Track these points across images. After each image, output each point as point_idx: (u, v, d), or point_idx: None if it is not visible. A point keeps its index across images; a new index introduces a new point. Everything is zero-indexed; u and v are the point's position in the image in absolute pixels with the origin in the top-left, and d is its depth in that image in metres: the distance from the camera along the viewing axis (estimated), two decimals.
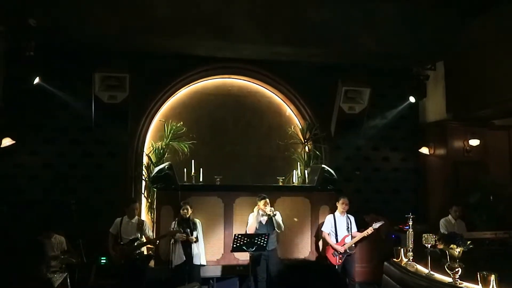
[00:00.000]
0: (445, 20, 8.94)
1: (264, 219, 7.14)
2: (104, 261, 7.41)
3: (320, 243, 7.90)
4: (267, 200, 7.14)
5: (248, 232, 7.16)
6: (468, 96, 8.92)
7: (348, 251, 7.36)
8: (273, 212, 7.04)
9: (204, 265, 7.15)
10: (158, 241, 7.34)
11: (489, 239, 7.54)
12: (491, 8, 8.19)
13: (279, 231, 7.20)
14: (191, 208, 7.08)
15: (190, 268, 6.89)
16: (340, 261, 7.33)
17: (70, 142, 8.68)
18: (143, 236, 7.18)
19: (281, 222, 7.19)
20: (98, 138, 8.74)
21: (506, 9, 7.90)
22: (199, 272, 7.07)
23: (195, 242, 6.96)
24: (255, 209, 7.22)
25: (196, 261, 6.95)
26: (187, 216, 7.00)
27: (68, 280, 6.39)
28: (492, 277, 4.32)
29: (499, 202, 8.53)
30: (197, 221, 7.19)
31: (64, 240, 7.32)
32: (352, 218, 7.61)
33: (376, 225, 7.33)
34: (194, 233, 6.98)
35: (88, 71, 8.15)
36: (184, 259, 6.85)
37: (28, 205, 8.24)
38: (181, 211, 7.00)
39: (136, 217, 7.42)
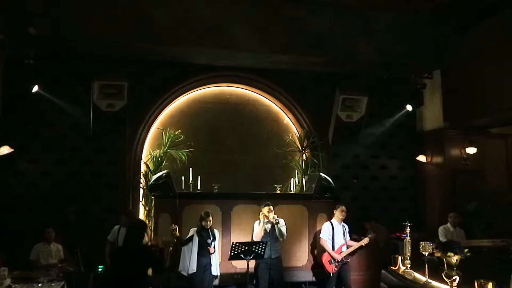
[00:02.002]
0: (443, 29, 9.04)
1: (268, 227, 7.14)
2: (101, 269, 7.38)
3: (316, 251, 7.89)
4: (271, 207, 7.16)
5: (254, 240, 7.17)
6: (465, 105, 8.97)
7: (344, 259, 7.36)
8: (276, 220, 7.05)
9: (216, 276, 7.06)
10: (151, 243, 7.29)
11: (487, 247, 7.54)
12: (488, 18, 8.26)
13: (281, 239, 7.20)
14: (212, 219, 7.01)
15: (206, 277, 6.86)
16: (335, 269, 7.31)
17: (68, 150, 8.69)
18: None
19: (283, 230, 7.19)
20: (96, 146, 8.76)
21: (503, 19, 7.97)
22: (212, 282, 7.05)
23: (213, 253, 6.93)
24: (261, 216, 7.23)
25: (213, 272, 6.92)
26: (208, 227, 6.95)
27: None
28: (490, 285, 4.33)
29: (496, 210, 8.55)
30: (217, 231, 7.13)
31: (62, 249, 7.32)
32: (346, 227, 7.61)
33: (372, 235, 7.35)
34: (213, 244, 6.94)
35: (86, 79, 8.20)
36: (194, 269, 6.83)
37: (27, 213, 8.23)
38: (203, 222, 6.88)
39: None
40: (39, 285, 5.72)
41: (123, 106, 8.21)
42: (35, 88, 7.97)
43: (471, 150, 9.44)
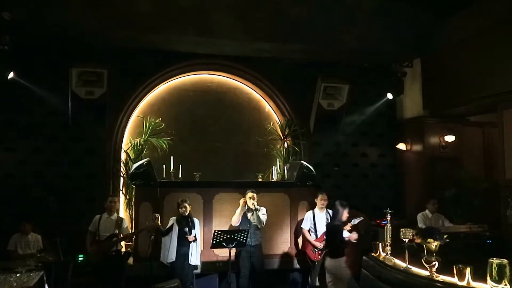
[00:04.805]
0: (423, 17, 9.10)
1: (249, 215, 7.17)
2: (81, 258, 7.31)
3: (300, 240, 7.94)
4: (255, 194, 7.19)
5: (232, 224, 7.18)
6: (444, 93, 9.07)
7: None
8: (254, 206, 7.08)
9: (196, 265, 7.05)
10: (135, 236, 7.25)
11: (464, 232, 7.69)
12: (468, 6, 8.32)
13: (259, 226, 7.23)
14: (189, 206, 7.00)
15: (186, 267, 6.84)
16: (319, 257, 7.38)
17: (46, 139, 8.52)
18: (121, 233, 7.11)
19: (262, 218, 7.22)
20: (75, 135, 8.60)
21: (483, 7, 8.05)
22: (192, 271, 7.03)
23: (194, 241, 6.91)
24: (241, 201, 7.25)
25: (192, 261, 6.90)
26: (186, 214, 6.94)
27: (45, 279, 6.29)
28: (468, 270, 4.40)
29: (473, 196, 8.71)
30: (196, 220, 7.12)
31: (40, 238, 7.23)
32: (331, 214, 7.66)
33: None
34: (193, 232, 6.92)
35: (65, 66, 8.02)
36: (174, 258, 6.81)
37: (3, 203, 8.06)
38: (179, 209, 6.92)
39: (116, 214, 7.34)
40: (18, 275, 5.66)
41: (103, 93, 8.06)
42: (11, 75, 7.80)
43: (450, 138, 9.58)
